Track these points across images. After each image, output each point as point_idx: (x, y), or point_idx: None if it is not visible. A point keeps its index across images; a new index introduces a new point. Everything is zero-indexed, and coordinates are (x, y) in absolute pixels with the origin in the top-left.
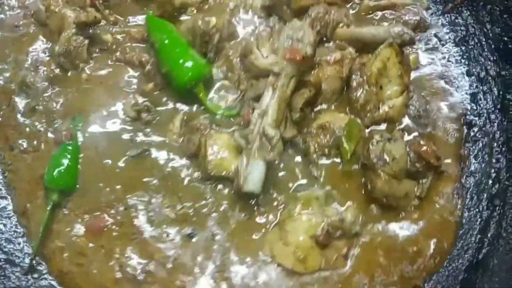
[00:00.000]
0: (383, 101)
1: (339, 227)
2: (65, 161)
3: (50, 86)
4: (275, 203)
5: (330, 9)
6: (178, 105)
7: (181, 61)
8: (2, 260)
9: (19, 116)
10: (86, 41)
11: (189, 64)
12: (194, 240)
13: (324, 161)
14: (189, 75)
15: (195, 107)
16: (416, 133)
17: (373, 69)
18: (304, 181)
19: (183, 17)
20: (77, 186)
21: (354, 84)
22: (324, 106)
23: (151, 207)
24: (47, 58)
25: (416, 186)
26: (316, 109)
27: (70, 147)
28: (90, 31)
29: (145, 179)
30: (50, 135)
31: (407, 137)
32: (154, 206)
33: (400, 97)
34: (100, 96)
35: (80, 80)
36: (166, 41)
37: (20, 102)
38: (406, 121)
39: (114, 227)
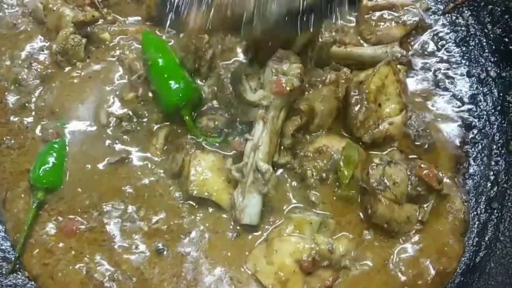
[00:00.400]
0: (382, 118)
1: (327, 257)
2: (51, 159)
3: (42, 84)
4: (267, 220)
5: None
6: (163, 119)
7: (172, 81)
8: (0, 258)
9: (9, 113)
10: (84, 40)
11: (179, 85)
12: (164, 255)
13: (321, 185)
14: (179, 96)
15: (180, 124)
16: (415, 156)
17: (372, 86)
18: (301, 205)
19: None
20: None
21: (353, 101)
22: (321, 130)
23: (125, 216)
24: (42, 56)
25: (417, 210)
26: (313, 134)
27: (56, 145)
28: (88, 29)
29: (122, 188)
30: (37, 132)
31: (407, 160)
32: (129, 216)
33: (399, 115)
34: (85, 96)
35: (70, 77)
36: (160, 60)
37: (12, 99)
38: (406, 142)
39: (85, 231)
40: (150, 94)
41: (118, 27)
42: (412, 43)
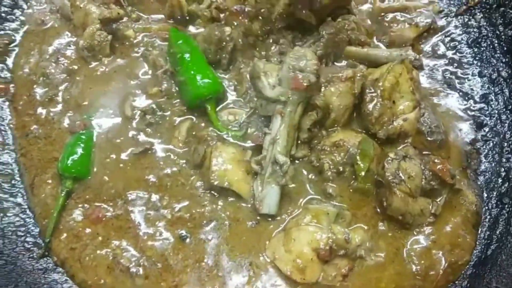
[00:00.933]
0: (396, 115)
1: (344, 246)
2: (79, 150)
3: (68, 78)
4: (286, 210)
5: (341, 30)
6: (186, 113)
7: (200, 75)
8: (30, 243)
9: (37, 105)
10: (110, 37)
11: (207, 78)
12: (187, 242)
13: (338, 178)
14: (206, 87)
15: (202, 117)
16: (428, 152)
17: (386, 84)
18: (318, 196)
19: (191, 27)
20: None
21: (368, 98)
22: (337, 126)
23: (149, 204)
24: (69, 51)
25: (430, 204)
26: (329, 129)
27: (83, 137)
28: (113, 26)
29: (146, 177)
30: (64, 124)
31: (421, 155)
32: (152, 204)
33: (413, 112)
34: (110, 90)
35: (96, 71)
36: (187, 55)
37: (39, 92)
38: (419, 138)
39: (111, 218)
40: (174, 89)
41: (141, 24)
42: (424, 45)
